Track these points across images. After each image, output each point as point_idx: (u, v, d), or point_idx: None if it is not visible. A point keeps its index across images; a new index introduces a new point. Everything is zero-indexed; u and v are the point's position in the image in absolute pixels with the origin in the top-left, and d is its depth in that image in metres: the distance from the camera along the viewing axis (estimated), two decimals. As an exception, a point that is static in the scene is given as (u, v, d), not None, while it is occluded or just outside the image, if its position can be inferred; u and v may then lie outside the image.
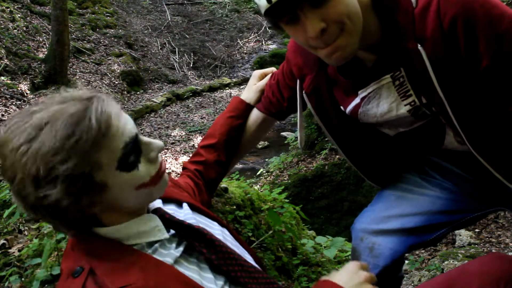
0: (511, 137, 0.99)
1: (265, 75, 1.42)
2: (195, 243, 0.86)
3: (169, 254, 0.82)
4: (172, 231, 0.87)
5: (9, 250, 1.60)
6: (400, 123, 1.10)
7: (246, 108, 1.36)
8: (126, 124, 0.76)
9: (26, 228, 1.76)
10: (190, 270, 0.82)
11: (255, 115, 1.38)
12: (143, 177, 0.78)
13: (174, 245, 0.85)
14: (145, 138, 0.80)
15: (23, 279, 1.42)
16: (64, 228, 0.81)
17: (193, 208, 1.00)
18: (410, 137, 1.14)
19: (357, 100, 1.09)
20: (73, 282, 0.72)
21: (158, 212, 0.88)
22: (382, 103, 1.05)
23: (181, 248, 0.85)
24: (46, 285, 1.34)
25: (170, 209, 0.96)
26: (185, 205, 1.00)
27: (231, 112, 1.34)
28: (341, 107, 1.16)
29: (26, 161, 0.67)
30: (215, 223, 1.00)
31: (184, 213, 0.96)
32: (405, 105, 1.02)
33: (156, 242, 0.83)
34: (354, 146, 1.26)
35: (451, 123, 0.98)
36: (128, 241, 0.81)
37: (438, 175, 1.23)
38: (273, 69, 1.43)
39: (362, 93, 1.07)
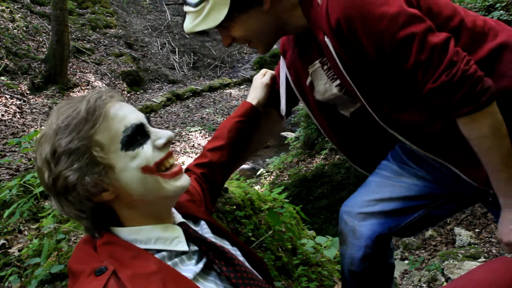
0: (421, 121, 1.06)
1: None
2: (215, 260, 0.87)
3: (189, 270, 0.83)
4: (194, 247, 0.88)
5: (9, 250, 1.60)
6: (343, 102, 1.22)
7: (255, 113, 1.36)
8: (128, 114, 0.83)
9: (26, 228, 1.76)
10: (208, 287, 0.83)
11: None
12: (147, 157, 0.81)
13: (193, 261, 0.86)
14: (155, 129, 0.86)
15: (23, 279, 1.42)
16: (90, 224, 0.84)
17: (210, 225, 1.00)
18: (362, 117, 1.22)
19: (309, 78, 1.24)
20: (96, 279, 0.73)
21: (183, 225, 0.89)
22: (320, 83, 1.20)
23: (200, 265, 0.86)
24: (46, 285, 1.34)
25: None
26: (202, 222, 1.00)
27: (240, 117, 1.33)
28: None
29: (40, 149, 0.79)
30: (226, 242, 1.00)
31: (203, 231, 0.96)
32: (336, 86, 1.15)
33: (176, 256, 0.84)
34: (330, 124, 1.35)
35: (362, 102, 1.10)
36: (147, 244, 0.83)
37: (414, 163, 1.30)
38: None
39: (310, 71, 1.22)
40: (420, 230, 1.37)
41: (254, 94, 1.38)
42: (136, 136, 0.81)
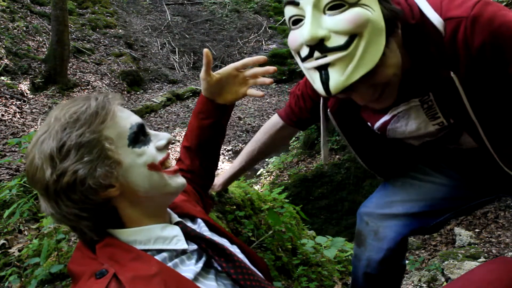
0: None
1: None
2: (215, 257, 0.87)
3: (189, 270, 0.83)
4: (193, 246, 0.88)
5: (9, 250, 1.60)
6: (427, 136, 1.14)
7: (213, 107, 1.19)
8: (131, 115, 0.87)
9: (26, 228, 1.76)
10: (208, 286, 0.83)
11: (276, 120, 1.43)
12: (153, 155, 0.84)
13: (193, 261, 0.86)
14: (153, 131, 0.89)
15: (22, 279, 1.42)
16: (90, 225, 0.81)
17: (207, 224, 1.00)
18: (434, 144, 1.18)
19: (386, 118, 1.13)
20: (96, 283, 0.73)
21: (180, 224, 0.90)
22: (411, 123, 1.10)
23: (200, 264, 0.86)
24: (46, 285, 1.34)
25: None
26: (199, 220, 1.00)
27: (200, 113, 1.20)
28: (368, 123, 1.20)
29: (41, 147, 0.76)
30: (225, 240, 1.00)
31: (201, 229, 0.97)
32: (433, 125, 1.08)
33: (176, 256, 0.85)
34: (374, 154, 1.31)
35: (481, 140, 1.03)
36: (147, 245, 0.83)
37: (446, 166, 1.27)
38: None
39: (392, 112, 1.11)
40: (440, 229, 1.34)
41: (208, 89, 1.17)
42: (140, 135, 0.84)
